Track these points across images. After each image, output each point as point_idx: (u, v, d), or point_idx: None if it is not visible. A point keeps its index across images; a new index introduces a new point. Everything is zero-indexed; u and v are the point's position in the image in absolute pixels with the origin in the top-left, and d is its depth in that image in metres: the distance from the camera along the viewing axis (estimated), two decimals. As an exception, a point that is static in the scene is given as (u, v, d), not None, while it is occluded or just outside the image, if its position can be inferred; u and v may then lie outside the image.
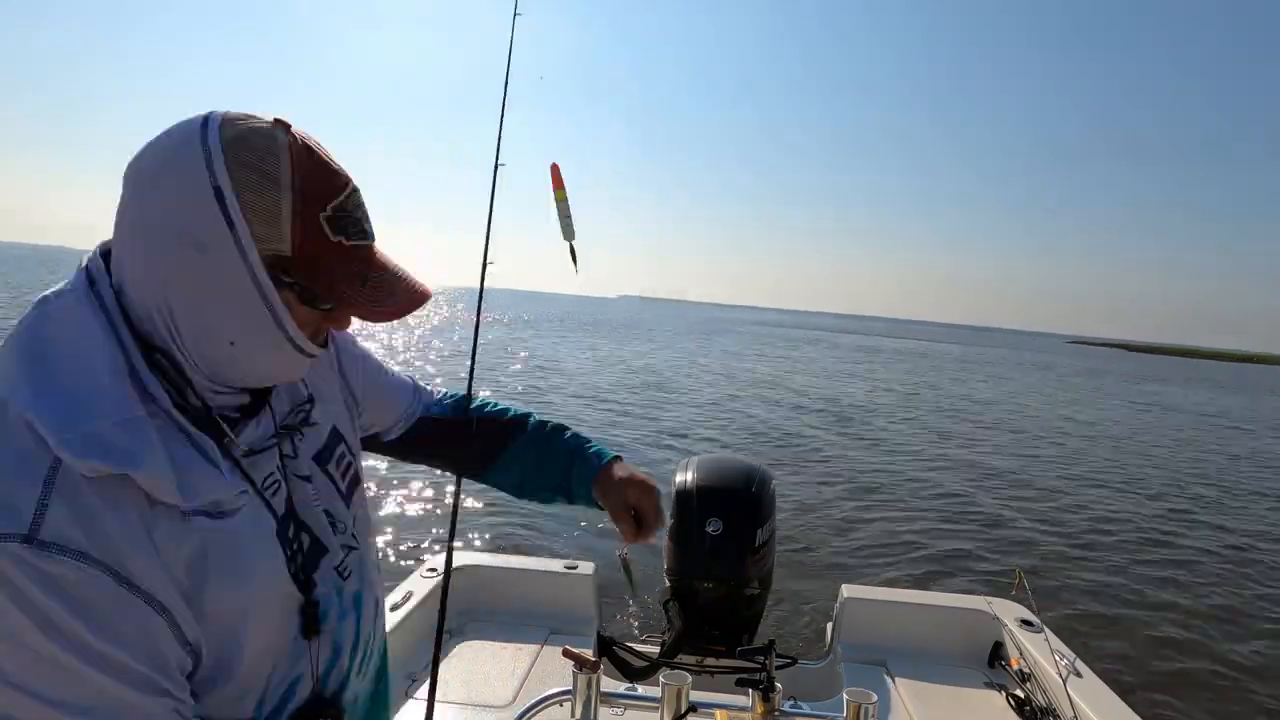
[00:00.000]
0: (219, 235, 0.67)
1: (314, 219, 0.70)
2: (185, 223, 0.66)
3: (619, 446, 1.55)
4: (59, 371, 0.64)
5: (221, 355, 0.72)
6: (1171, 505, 9.04)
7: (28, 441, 0.61)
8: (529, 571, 2.71)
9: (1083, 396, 23.86)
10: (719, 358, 26.95)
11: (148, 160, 0.68)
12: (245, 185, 0.67)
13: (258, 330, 0.71)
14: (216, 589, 0.70)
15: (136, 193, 0.69)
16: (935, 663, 2.47)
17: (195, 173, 0.66)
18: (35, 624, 0.58)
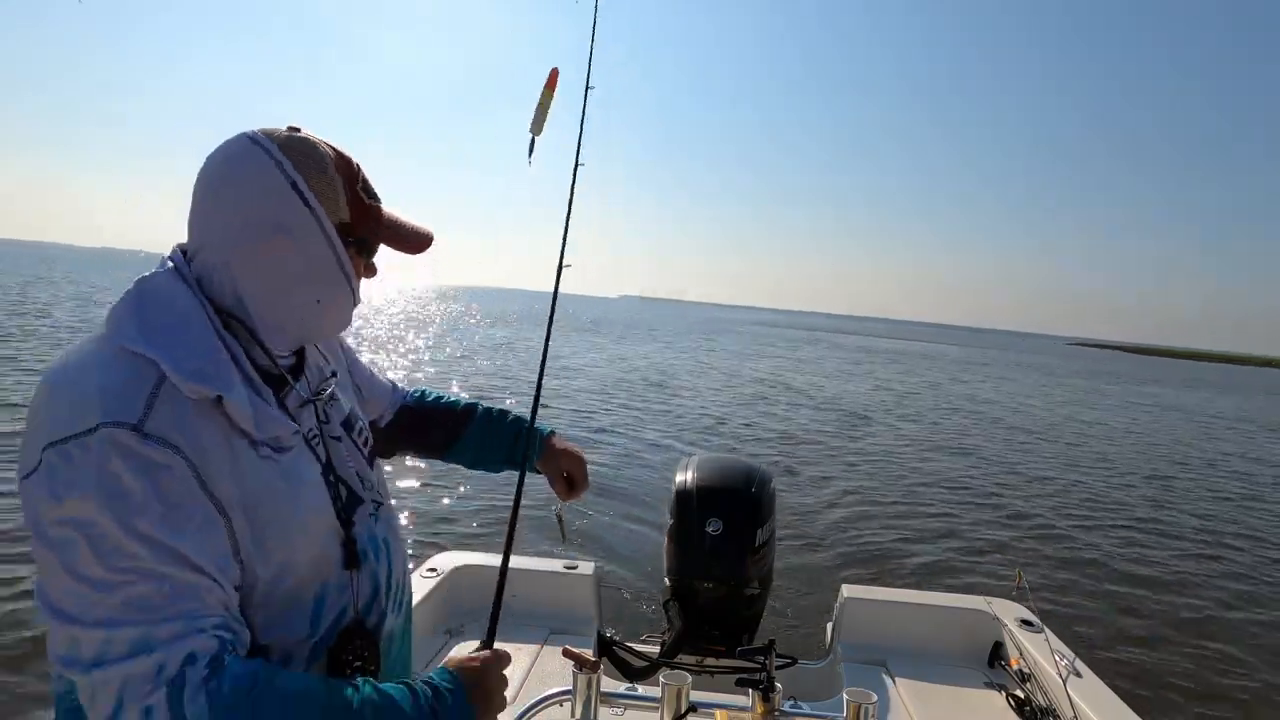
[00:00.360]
0: (303, 218, 0.87)
1: (354, 191, 0.92)
2: (273, 214, 0.85)
3: (621, 444, 1.57)
4: (166, 323, 0.81)
5: (309, 315, 0.92)
6: (1172, 505, 9.04)
7: (138, 366, 0.77)
8: (529, 571, 2.71)
9: (1082, 397, 23.87)
10: (718, 357, 26.96)
11: (219, 174, 0.86)
12: (310, 176, 0.87)
13: (336, 286, 0.91)
14: (275, 513, 0.83)
15: (217, 200, 0.85)
16: (935, 663, 2.47)
17: (271, 174, 0.85)
18: (121, 495, 0.71)
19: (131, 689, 0.68)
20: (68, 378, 0.77)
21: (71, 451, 0.71)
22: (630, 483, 7.71)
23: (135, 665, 0.68)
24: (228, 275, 0.86)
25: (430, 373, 15.85)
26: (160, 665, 0.69)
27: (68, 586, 0.70)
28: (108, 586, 0.70)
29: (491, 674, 0.90)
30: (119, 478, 0.71)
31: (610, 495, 7.15)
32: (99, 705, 0.69)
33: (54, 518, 0.71)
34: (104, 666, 0.68)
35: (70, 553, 0.70)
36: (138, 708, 0.68)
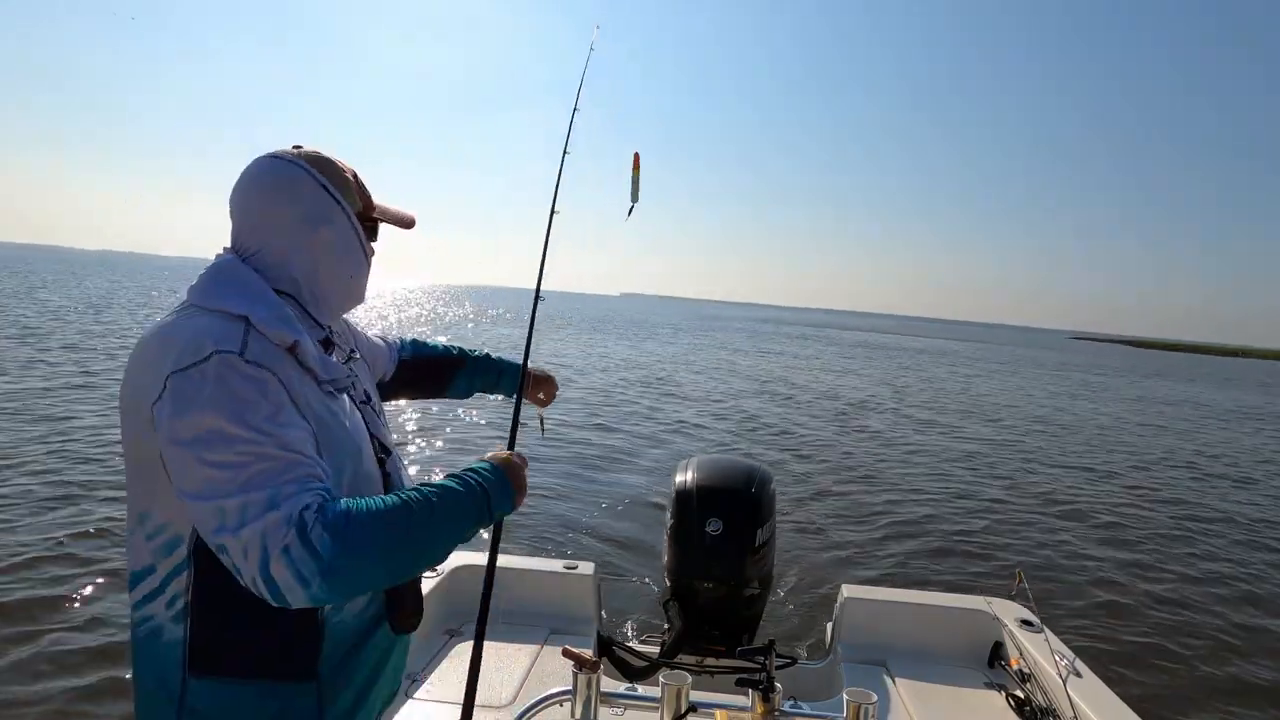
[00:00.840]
0: (336, 213, 1.14)
1: (361, 188, 1.20)
2: (311, 212, 1.12)
3: (621, 443, 1.58)
4: (246, 290, 1.04)
5: (345, 287, 1.18)
6: (1173, 504, 9.03)
7: (230, 319, 1.00)
8: (529, 571, 2.71)
9: (1085, 392, 23.85)
10: (717, 354, 26.95)
11: (269, 188, 1.10)
12: (332, 180, 1.15)
13: (361, 263, 1.20)
14: (338, 436, 1.07)
15: (273, 208, 1.10)
16: (935, 663, 2.47)
17: (309, 183, 1.12)
18: (236, 400, 0.93)
19: (271, 536, 0.88)
20: (177, 329, 0.99)
21: (192, 375, 0.93)
22: (630, 483, 7.70)
23: (270, 518, 0.89)
24: (286, 262, 1.11)
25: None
26: (289, 515, 0.89)
27: (207, 474, 0.90)
28: (238, 467, 0.90)
29: (519, 467, 1.17)
30: (232, 388, 0.93)
31: (611, 495, 7.15)
32: (251, 556, 0.88)
33: (186, 425, 0.91)
34: (248, 524, 0.88)
35: (205, 448, 0.91)
36: (278, 549, 0.88)
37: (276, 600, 0.89)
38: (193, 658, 1.00)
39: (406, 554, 0.98)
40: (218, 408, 0.92)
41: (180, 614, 1.00)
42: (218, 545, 0.91)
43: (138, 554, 1.02)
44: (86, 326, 17.94)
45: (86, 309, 22.99)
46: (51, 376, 10.61)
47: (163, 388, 0.93)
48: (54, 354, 12.77)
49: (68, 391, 9.63)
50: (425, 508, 0.99)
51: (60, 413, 8.35)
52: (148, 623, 1.01)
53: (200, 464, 0.91)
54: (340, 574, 0.90)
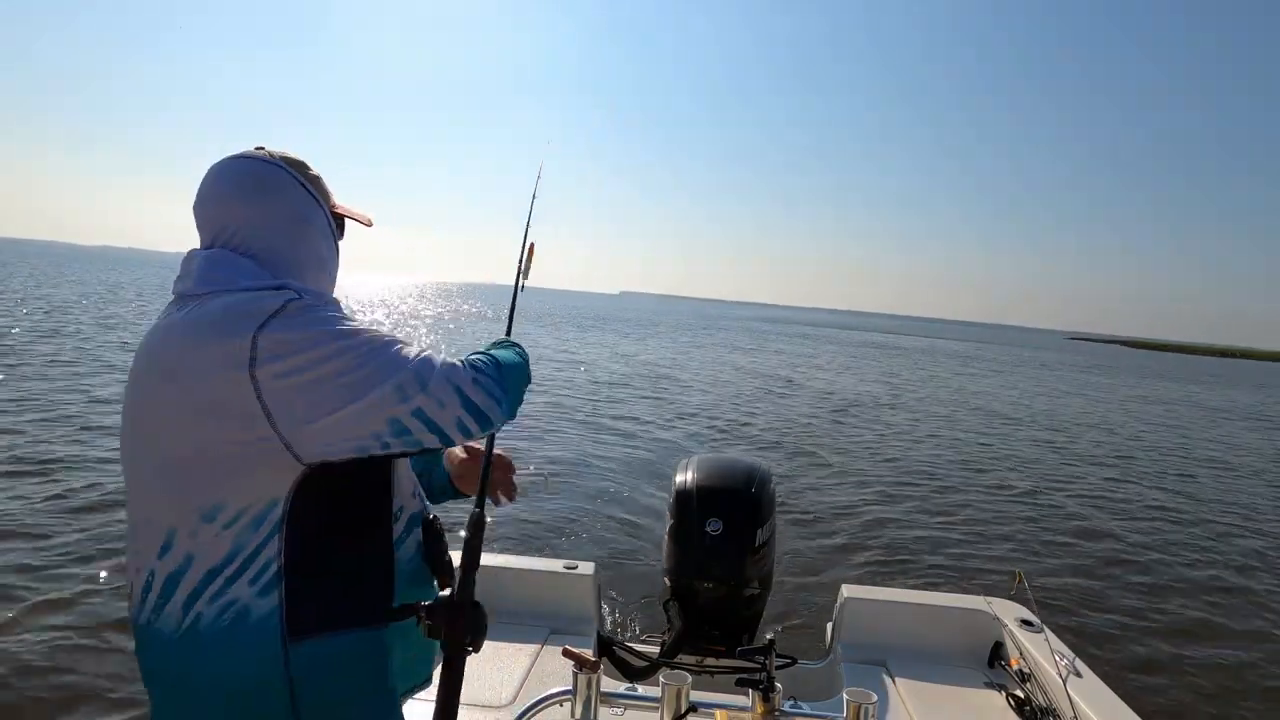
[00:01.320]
0: (315, 211, 1.16)
1: (324, 186, 1.20)
2: (297, 210, 1.13)
3: (621, 443, 1.57)
4: (258, 274, 1.06)
5: (323, 282, 1.17)
6: (1173, 504, 9.04)
7: (274, 291, 1.02)
8: (529, 571, 2.71)
9: (1082, 391, 23.85)
10: (716, 353, 26.93)
11: (246, 188, 1.10)
12: (310, 181, 1.17)
13: (334, 259, 1.21)
14: None
15: (255, 205, 1.09)
16: (935, 663, 2.47)
17: (291, 183, 1.14)
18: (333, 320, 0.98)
19: (455, 375, 1.01)
20: (222, 307, 0.98)
21: (279, 321, 0.95)
22: (630, 483, 7.71)
23: (440, 365, 1.00)
24: (272, 260, 1.09)
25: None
26: (450, 360, 1.02)
27: (362, 374, 0.95)
28: (384, 348, 0.98)
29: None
30: (326, 311, 1.00)
31: (610, 495, 7.15)
32: (448, 399, 0.99)
33: (315, 352, 0.94)
34: (431, 378, 0.98)
35: (347, 356, 0.96)
36: (468, 380, 1.01)
37: (481, 427, 1.03)
38: (291, 621, 0.98)
39: (524, 380, 1.17)
40: (330, 325, 0.97)
41: (271, 582, 0.97)
42: (408, 413, 0.97)
43: (209, 549, 0.97)
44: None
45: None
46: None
47: (252, 349, 0.92)
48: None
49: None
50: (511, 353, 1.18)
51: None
52: (229, 609, 0.97)
53: (347, 371, 0.95)
54: (510, 390, 1.07)
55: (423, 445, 1.00)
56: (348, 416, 0.94)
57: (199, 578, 0.97)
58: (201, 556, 0.97)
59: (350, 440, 0.96)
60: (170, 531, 0.98)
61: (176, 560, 0.98)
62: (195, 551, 0.97)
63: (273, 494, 0.97)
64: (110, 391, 9.70)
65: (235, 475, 0.96)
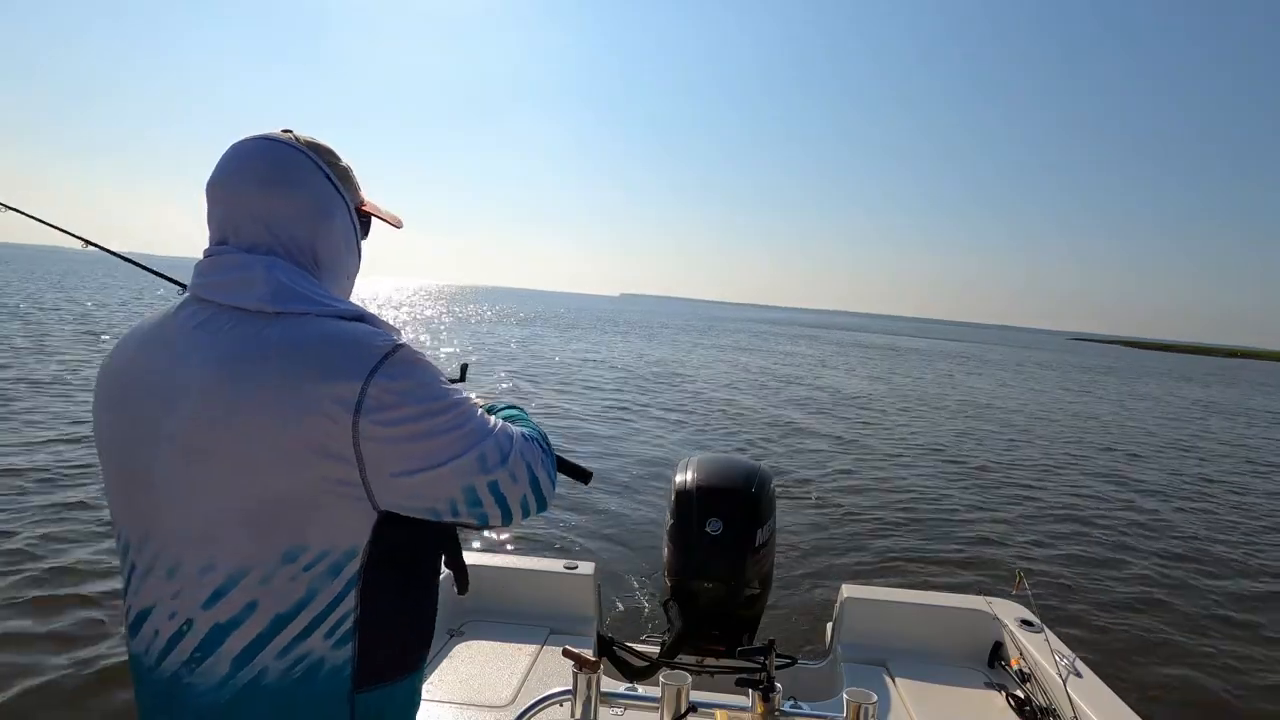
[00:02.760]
0: (338, 204, 1.06)
1: (354, 179, 1.12)
2: (320, 204, 1.03)
3: (621, 443, 1.57)
4: (319, 290, 1.01)
5: (343, 284, 1.10)
6: (1173, 504, 9.04)
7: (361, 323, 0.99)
8: (529, 571, 2.71)
9: (1084, 392, 23.85)
10: (716, 353, 26.96)
11: (263, 176, 1.00)
12: (336, 171, 1.07)
13: (354, 261, 1.12)
14: None
15: (280, 195, 1.00)
16: (935, 663, 2.47)
17: (314, 172, 1.03)
18: (436, 376, 0.97)
19: (529, 454, 1.02)
20: (332, 334, 0.94)
21: (392, 369, 0.93)
22: (630, 483, 7.71)
23: (518, 442, 1.01)
24: (302, 254, 1.03)
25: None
26: (523, 435, 1.03)
27: (456, 435, 0.95)
28: (473, 417, 0.98)
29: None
30: (427, 369, 0.97)
31: (610, 495, 7.15)
32: (520, 476, 0.99)
33: (420, 406, 0.93)
34: (509, 454, 0.99)
35: (443, 416, 0.95)
36: (538, 460, 1.03)
37: (539, 507, 1.04)
38: (360, 674, 0.96)
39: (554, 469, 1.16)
40: (432, 385, 0.96)
41: (348, 634, 0.94)
42: (485, 485, 0.97)
43: (284, 595, 0.91)
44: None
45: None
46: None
47: (361, 394, 0.89)
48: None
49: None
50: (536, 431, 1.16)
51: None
52: (302, 661, 0.92)
53: (441, 432, 0.94)
54: (555, 479, 1.09)
55: (487, 520, 1.00)
56: (430, 479, 0.93)
57: (263, 626, 0.91)
58: (269, 601, 0.91)
59: (425, 501, 0.95)
60: (232, 577, 0.90)
61: (233, 608, 0.91)
62: (262, 598, 0.90)
63: (353, 541, 0.93)
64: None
65: (319, 517, 0.91)
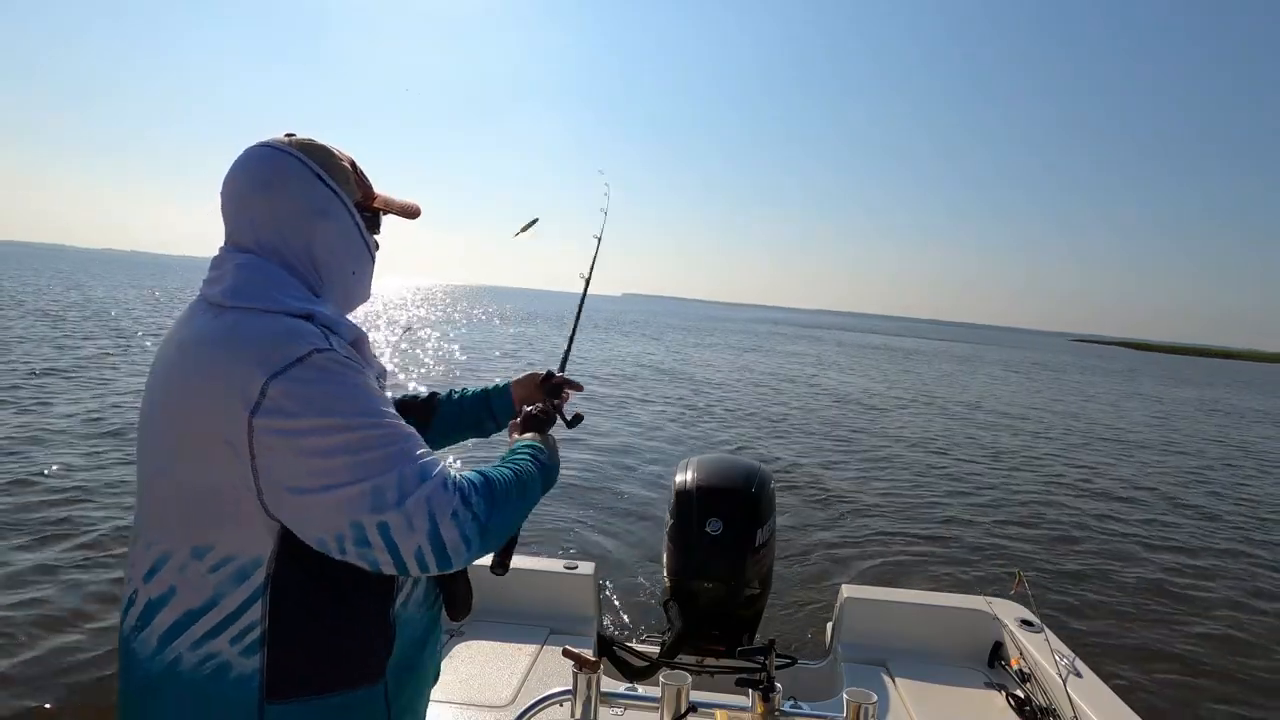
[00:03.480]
0: (333, 203, 1.07)
1: (360, 176, 1.13)
2: (312, 204, 1.05)
3: (621, 443, 1.59)
4: (290, 287, 1.01)
5: (348, 284, 1.12)
6: (1175, 505, 9.03)
7: (297, 320, 0.97)
8: (529, 571, 2.71)
9: (1086, 393, 23.84)
10: (719, 354, 26.94)
11: (266, 182, 1.03)
12: (327, 169, 1.08)
13: (363, 257, 1.13)
14: None
15: (276, 200, 1.03)
16: (935, 663, 2.47)
17: (303, 172, 1.05)
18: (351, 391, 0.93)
19: (437, 502, 0.91)
20: (248, 332, 0.94)
21: (298, 373, 0.90)
22: (630, 483, 7.70)
23: (430, 486, 0.92)
24: (297, 256, 1.05)
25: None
26: (444, 481, 0.93)
27: (349, 463, 0.89)
28: (380, 446, 0.91)
29: (551, 440, 1.28)
30: (344, 380, 0.93)
31: (611, 495, 7.15)
32: (419, 524, 0.90)
33: (314, 422, 0.89)
34: (409, 496, 0.90)
35: (340, 436, 0.89)
36: (447, 513, 0.92)
37: (439, 565, 0.93)
38: (271, 685, 0.94)
39: (520, 518, 1.09)
40: (338, 398, 0.91)
41: (255, 644, 0.93)
42: (374, 525, 0.89)
43: (193, 588, 0.93)
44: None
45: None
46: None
47: (260, 395, 0.88)
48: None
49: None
50: (525, 477, 1.09)
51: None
52: (209, 661, 0.93)
53: (334, 453, 0.89)
54: (492, 533, 0.97)
55: (379, 567, 0.91)
56: (316, 504, 0.89)
57: (177, 616, 0.93)
58: (183, 593, 0.93)
59: (311, 529, 0.90)
60: (161, 557, 0.95)
61: (161, 588, 0.94)
62: (179, 586, 0.94)
63: (257, 550, 0.93)
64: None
65: (224, 517, 0.92)
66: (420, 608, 1.11)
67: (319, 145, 1.09)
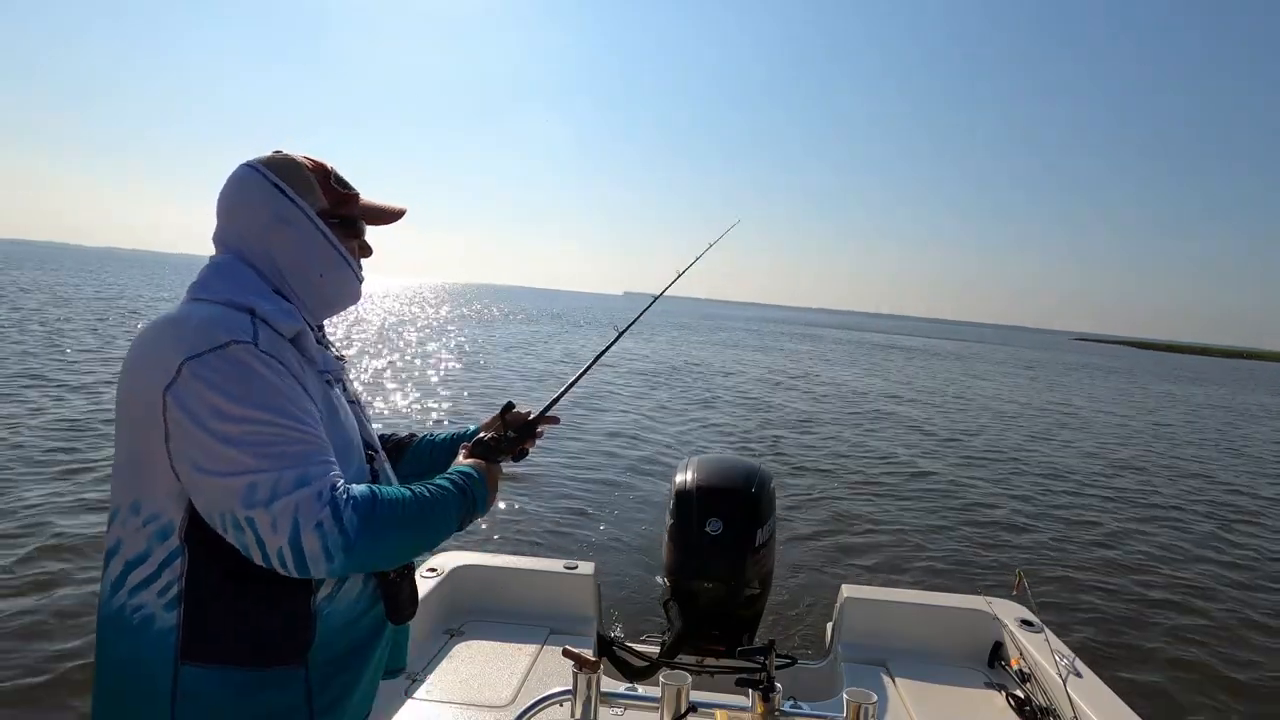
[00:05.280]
0: (292, 213, 1.15)
1: (326, 183, 1.21)
2: (272, 214, 1.14)
3: (621, 443, 1.58)
4: (244, 283, 1.10)
5: (317, 286, 1.18)
6: (1174, 505, 9.03)
7: (236, 312, 1.05)
8: (529, 571, 2.71)
9: (1087, 393, 23.84)
10: (718, 353, 26.93)
11: (234, 196, 1.15)
12: (288, 179, 1.16)
13: (330, 260, 1.19)
14: (335, 424, 1.13)
15: (240, 211, 1.15)
16: (935, 663, 2.47)
17: (264, 186, 1.15)
18: (258, 386, 0.98)
19: (304, 510, 0.94)
20: (185, 318, 1.03)
21: (210, 360, 0.97)
22: (630, 482, 7.71)
23: (304, 494, 0.95)
24: (264, 261, 1.14)
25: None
26: (319, 492, 0.96)
27: (233, 453, 0.95)
28: (267, 444, 0.96)
29: (493, 470, 1.28)
30: (252, 374, 0.99)
31: (610, 495, 7.15)
32: (281, 527, 0.94)
33: (210, 408, 0.95)
34: (279, 498, 0.94)
35: (234, 427, 0.95)
36: (311, 523, 0.94)
37: (298, 570, 0.96)
38: (186, 644, 1.01)
39: (412, 542, 1.08)
40: (241, 389, 0.97)
41: (174, 600, 1.01)
42: (244, 518, 0.94)
43: (131, 541, 1.03)
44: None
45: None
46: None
47: (176, 373, 0.96)
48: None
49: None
50: (430, 502, 1.10)
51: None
52: (140, 610, 1.02)
53: (225, 441, 0.95)
54: (360, 552, 0.98)
55: (249, 554, 0.97)
56: (205, 484, 0.96)
57: (121, 566, 1.03)
58: (125, 545, 1.03)
59: (202, 505, 0.98)
60: (113, 511, 1.06)
61: (112, 539, 1.05)
62: (122, 538, 1.04)
63: (173, 513, 1.01)
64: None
65: (150, 478, 1.01)
66: (352, 606, 1.13)
67: (285, 159, 1.19)
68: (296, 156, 1.20)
